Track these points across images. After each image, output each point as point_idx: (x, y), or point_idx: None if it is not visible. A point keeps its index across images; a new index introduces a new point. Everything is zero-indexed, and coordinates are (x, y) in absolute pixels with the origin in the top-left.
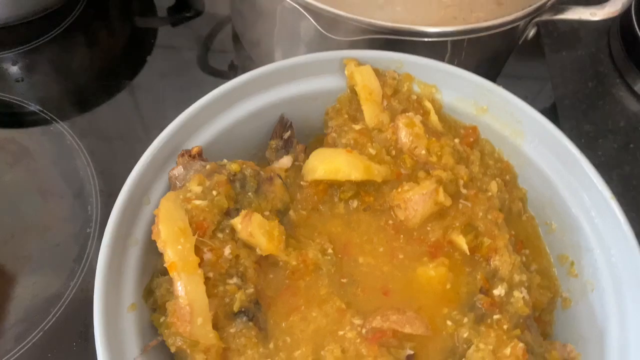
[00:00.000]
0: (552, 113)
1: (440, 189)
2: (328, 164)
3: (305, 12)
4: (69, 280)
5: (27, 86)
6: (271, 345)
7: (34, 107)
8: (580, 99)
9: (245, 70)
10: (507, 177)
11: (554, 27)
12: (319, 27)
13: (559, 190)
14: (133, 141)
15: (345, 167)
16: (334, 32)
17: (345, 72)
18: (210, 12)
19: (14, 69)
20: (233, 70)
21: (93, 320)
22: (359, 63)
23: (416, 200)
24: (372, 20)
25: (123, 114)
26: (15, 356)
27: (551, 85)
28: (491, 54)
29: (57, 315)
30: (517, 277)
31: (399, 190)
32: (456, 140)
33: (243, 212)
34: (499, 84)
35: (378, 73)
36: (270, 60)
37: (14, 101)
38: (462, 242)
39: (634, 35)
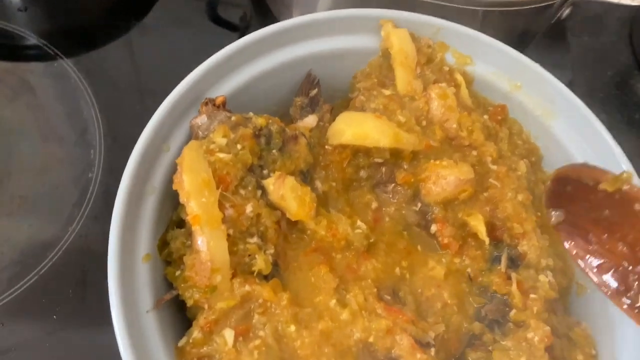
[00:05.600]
0: None
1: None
2: (356, 128)
3: None
4: (67, 225)
5: (30, 16)
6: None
7: (36, 40)
8: (598, 87)
9: (258, 25)
10: (533, 159)
11: (578, 10)
12: None
13: None
14: (139, 85)
15: (374, 133)
16: None
17: (382, 32)
18: None
19: None
20: (244, 23)
21: (90, 267)
22: (395, 25)
23: (449, 181)
24: None
25: (129, 56)
26: (9, 299)
27: (571, 70)
28: (522, 30)
29: (53, 259)
30: (543, 262)
31: (436, 162)
32: (485, 117)
33: (277, 174)
34: None
35: (413, 38)
36: (288, 11)
37: (15, 31)
38: (481, 227)
39: None
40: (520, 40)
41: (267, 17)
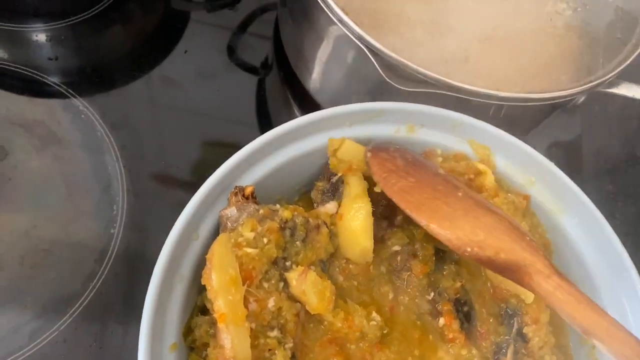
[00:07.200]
0: (577, 169)
1: None
2: (357, 248)
3: (368, 53)
4: (88, 280)
5: (60, 66)
6: None
7: (65, 90)
8: (606, 158)
9: (280, 70)
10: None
11: None
12: (379, 69)
13: (591, 274)
14: (163, 136)
15: None
16: (393, 79)
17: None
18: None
19: (49, 45)
20: (265, 70)
21: (109, 325)
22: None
23: None
24: (451, 81)
25: (154, 103)
26: (28, 354)
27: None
28: (534, 114)
29: (74, 315)
30: (547, 358)
31: None
32: (509, 195)
33: (300, 268)
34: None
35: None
36: (309, 74)
37: (44, 80)
38: None
39: None
40: (531, 121)
41: (287, 63)
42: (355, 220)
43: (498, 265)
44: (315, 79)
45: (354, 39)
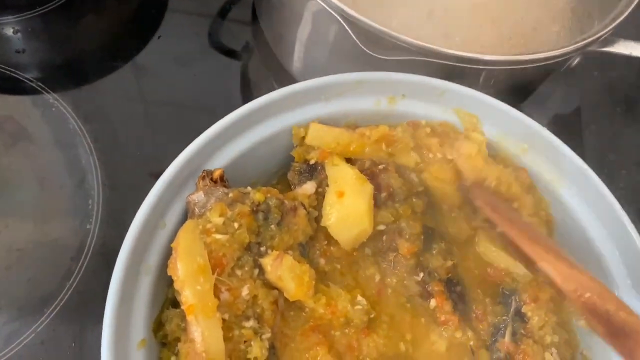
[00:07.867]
0: (577, 137)
1: None
2: (356, 229)
3: (344, 23)
4: (65, 279)
5: (29, 58)
6: None
7: (35, 84)
8: (607, 125)
9: (261, 54)
10: (546, 229)
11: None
12: (356, 39)
13: (595, 246)
14: (138, 127)
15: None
16: (372, 48)
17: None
18: None
19: (16, 38)
20: (247, 53)
21: (88, 324)
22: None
23: None
24: (430, 46)
25: (128, 94)
26: (5, 358)
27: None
28: (527, 80)
29: (51, 316)
30: (549, 338)
31: None
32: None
33: (274, 253)
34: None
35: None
36: (290, 56)
37: (14, 74)
38: None
39: None
40: (525, 88)
41: (267, 47)
42: (361, 199)
43: (613, 323)
44: (296, 60)
45: (329, 8)
